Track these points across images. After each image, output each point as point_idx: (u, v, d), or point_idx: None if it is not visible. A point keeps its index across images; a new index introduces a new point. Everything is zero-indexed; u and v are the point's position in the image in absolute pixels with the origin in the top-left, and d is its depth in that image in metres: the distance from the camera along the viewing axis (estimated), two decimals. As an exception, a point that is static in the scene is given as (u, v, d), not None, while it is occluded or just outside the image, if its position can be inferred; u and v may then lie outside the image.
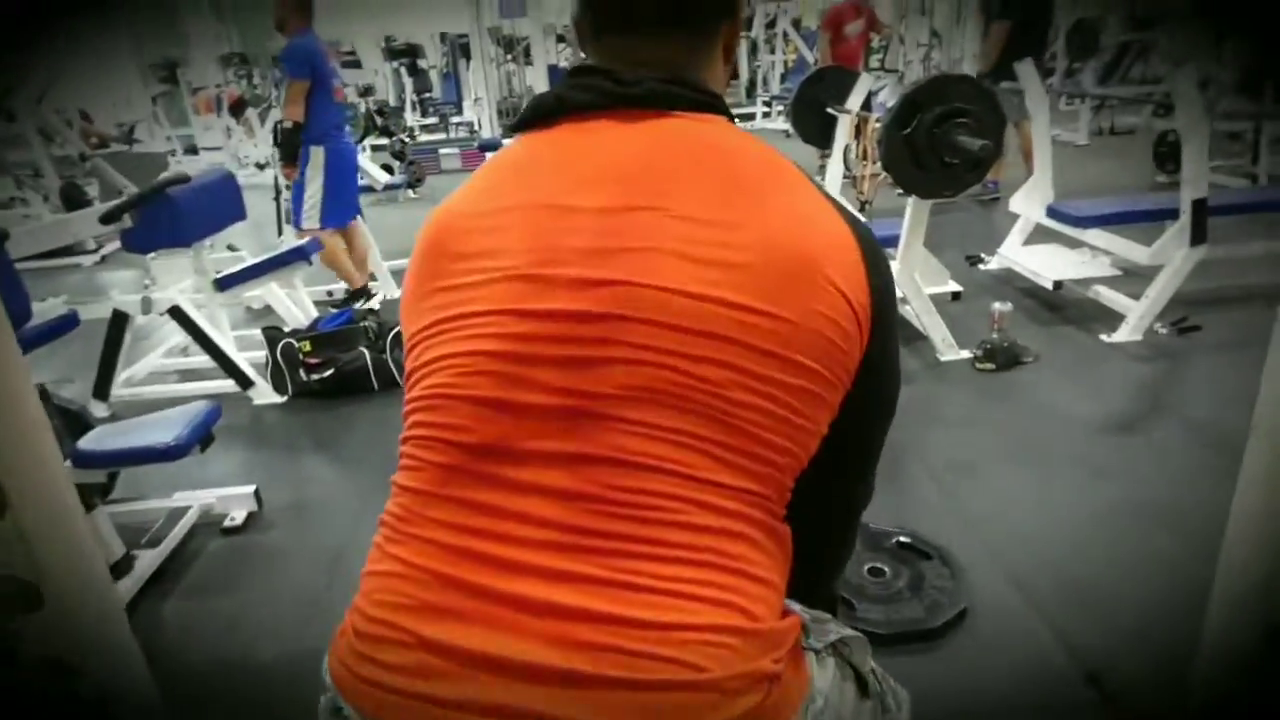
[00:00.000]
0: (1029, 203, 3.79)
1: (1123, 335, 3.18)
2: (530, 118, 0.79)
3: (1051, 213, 3.64)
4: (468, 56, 10.31)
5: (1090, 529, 2.08)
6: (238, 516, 2.36)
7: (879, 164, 2.94)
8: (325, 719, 0.69)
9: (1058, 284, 3.51)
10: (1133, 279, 3.38)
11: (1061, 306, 3.57)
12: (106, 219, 2.58)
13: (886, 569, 1.91)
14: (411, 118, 10.92)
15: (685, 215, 0.69)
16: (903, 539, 1.99)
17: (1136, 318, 3.18)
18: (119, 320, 3.10)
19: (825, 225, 0.72)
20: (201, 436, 2.01)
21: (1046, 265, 3.63)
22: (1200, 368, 2.97)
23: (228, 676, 1.79)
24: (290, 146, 3.85)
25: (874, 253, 0.74)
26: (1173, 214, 3.21)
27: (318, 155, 3.88)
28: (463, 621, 0.63)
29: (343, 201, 4.07)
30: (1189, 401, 2.77)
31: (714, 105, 0.77)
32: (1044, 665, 1.66)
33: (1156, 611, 1.75)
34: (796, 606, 0.76)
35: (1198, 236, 3.10)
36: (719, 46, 0.81)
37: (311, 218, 3.95)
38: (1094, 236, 3.55)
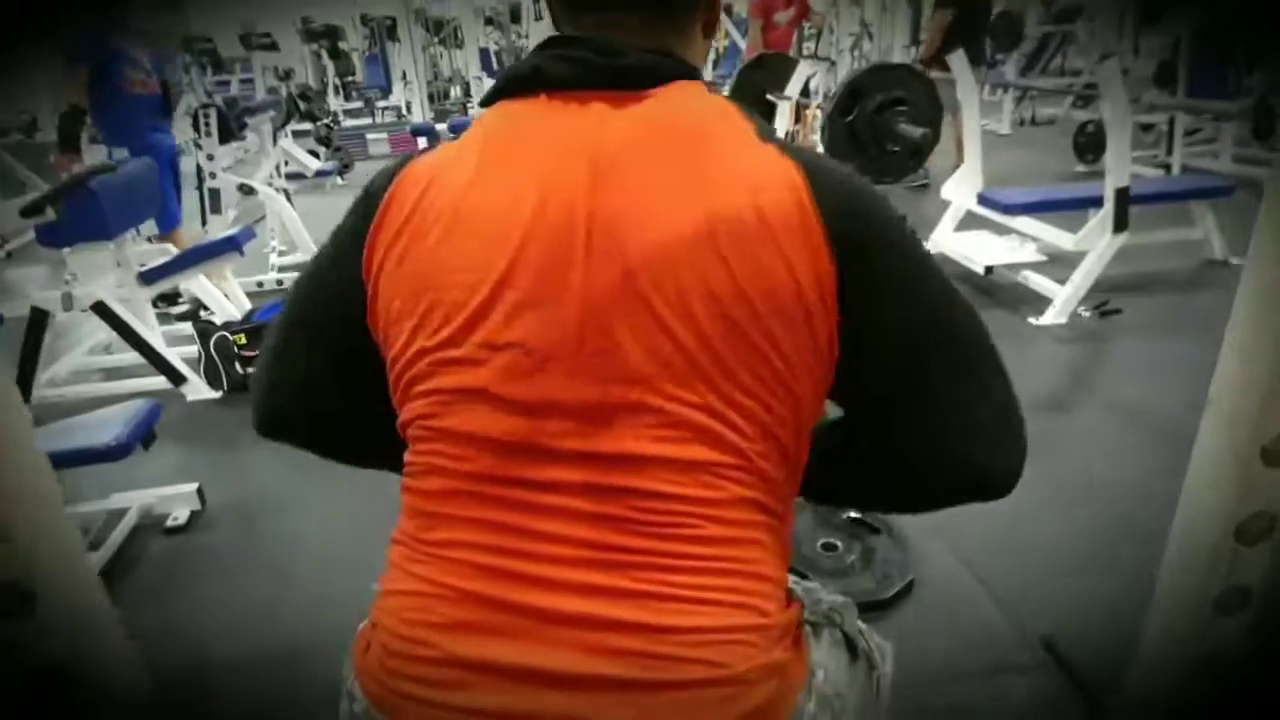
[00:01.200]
0: (960, 190, 3.91)
1: (1049, 318, 3.32)
2: (506, 88, 0.75)
3: (982, 200, 3.77)
4: (395, 39, 10.05)
5: (1026, 503, 2.15)
6: (180, 516, 2.29)
7: (821, 150, 3.00)
8: None
9: (989, 269, 3.64)
10: (1058, 264, 3.52)
11: (992, 290, 3.70)
12: (28, 212, 2.43)
13: (839, 543, 1.98)
14: (335, 102, 10.59)
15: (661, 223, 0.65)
16: (853, 514, 2.05)
17: (1062, 302, 3.33)
18: (38, 318, 2.95)
19: (770, 180, 0.67)
20: (144, 435, 1.94)
21: (978, 251, 3.76)
22: (1122, 349, 3.13)
23: (179, 682, 1.73)
24: (66, 132, 3.62)
25: (822, 177, 0.67)
26: (1095, 202, 3.36)
27: (122, 156, 3.70)
28: (496, 637, 0.66)
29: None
30: (1113, 381, 2.91)
31: (695, 76, 0.74)
32: (987, 631, 1.75)
33: (1087, 579, 1.86)
34: (790, 581, 0.79)
35: (1120, 224, 3.26)
36: (699, 24, 0.78)
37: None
38: (1022, 223, 3.69)
